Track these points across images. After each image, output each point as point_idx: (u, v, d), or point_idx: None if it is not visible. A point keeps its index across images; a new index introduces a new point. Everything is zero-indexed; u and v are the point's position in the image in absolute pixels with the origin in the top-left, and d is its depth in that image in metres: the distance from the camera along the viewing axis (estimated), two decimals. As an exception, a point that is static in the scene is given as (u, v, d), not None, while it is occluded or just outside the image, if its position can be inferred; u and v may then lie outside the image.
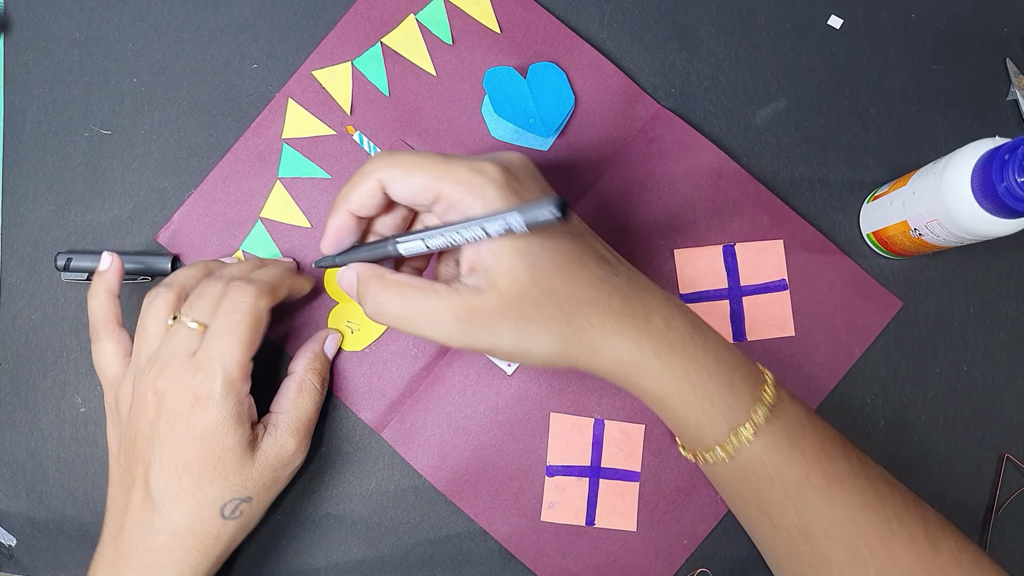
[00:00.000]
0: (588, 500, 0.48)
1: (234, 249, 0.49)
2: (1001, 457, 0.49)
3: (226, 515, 0.42)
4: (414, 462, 0.48)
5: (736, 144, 0.51)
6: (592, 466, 0.49)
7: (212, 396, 0.40)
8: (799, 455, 0.38)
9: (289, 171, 0.50)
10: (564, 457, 0.48)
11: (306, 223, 0.50)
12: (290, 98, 0.50)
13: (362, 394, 0.49)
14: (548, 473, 0.48)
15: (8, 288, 0.50)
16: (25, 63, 0.51)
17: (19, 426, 0.49)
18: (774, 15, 0.52)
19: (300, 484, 0.49)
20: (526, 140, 0.50)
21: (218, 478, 0.41)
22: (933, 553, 0.38)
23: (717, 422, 0.37)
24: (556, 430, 0.49)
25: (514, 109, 0.49)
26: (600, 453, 0.49)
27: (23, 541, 0.49)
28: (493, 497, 0.48)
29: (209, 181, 0.50)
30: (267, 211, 0.50)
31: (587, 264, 0.37)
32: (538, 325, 0.36)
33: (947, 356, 0.50)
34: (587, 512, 0.48)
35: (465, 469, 0.48)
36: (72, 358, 0.50)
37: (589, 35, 0.51)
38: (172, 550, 0.41)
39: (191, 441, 0.40)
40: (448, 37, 0.50)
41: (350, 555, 0.49)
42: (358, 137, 0.50)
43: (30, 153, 0.51)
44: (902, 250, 0.47)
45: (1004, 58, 0.51)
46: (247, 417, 0.42)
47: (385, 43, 0.50)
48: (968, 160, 0.40)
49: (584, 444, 0.49)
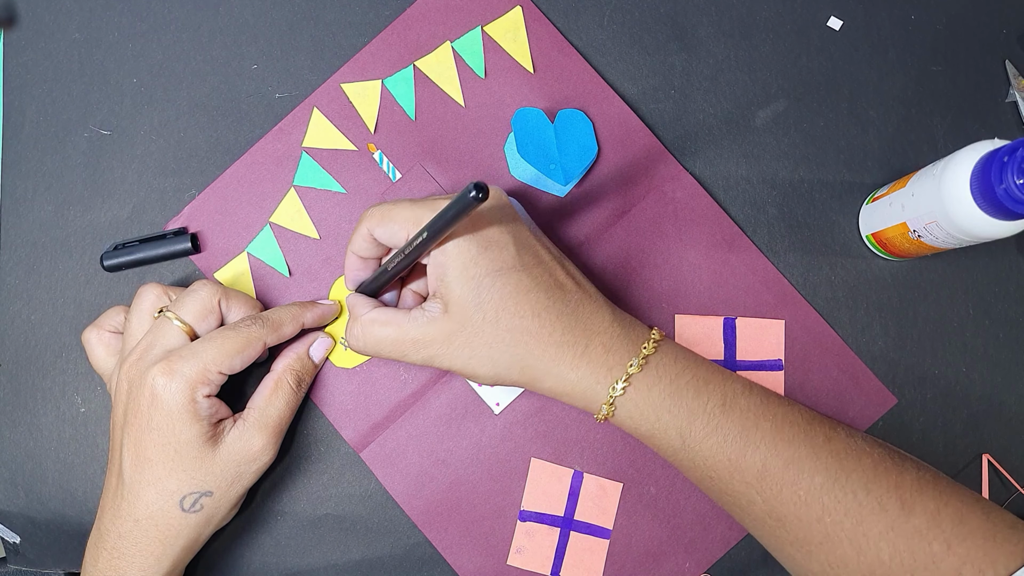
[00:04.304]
0: (556, 550, 0.48)
1: (240, 250, 0.49)
2: (979, 457, 0.49)
3: (185, 508, 0.42)
4: (389, 487, 0.48)
5: (736, 146, 0.51)
6: (565, 517, 0.48)
7: (168, 391, 0.41)
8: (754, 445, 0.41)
9: (305, 180, 0.50)
10: (539, 504, 0.48)
11: (315, 234, 0.50)
12: (316, 107, 0.50)
13: (347, 412, 0.49)
14: (521, 518, 0.48)
15: (7, 288, 0.50)
16: (25, 63, 0.51)
17: (18, 426, 0.49)
18: (774, 16, 0.52)
19: (299, 485, 0.49)
20: (544, 184, 0.49)
21: (176, 470, 0.41)
22: (906, 517, 0.39)
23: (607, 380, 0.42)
24: (535, 476, 0.48)
25: (537, 152, 0.48)
26: (575, 505, 0.48)
27: (23, 541, 0.49)
28: (463, 533, 0.48)
29: (224, 179, 0.50)
30: (277, 216, 0.50)
31: (534, 294, 0.41)
32: (481, 352, 0.41)
33: (946, 357, 0.50)
34: (554, 562, 0.48)
35: (440, 501, 0.48)
36: (71, 358, 0.50)
37: (589, 37, 0.51)
38: (136, 538, 0.42)
39: (150, 431, 0.41)
40: (481, 70, 0.50)
41: (349, 556, 0.49)
42: (378, 156, 0.50)
43: (29, 153, 0.51)
44: (901, 252, 0.47)
45: (1003, 60, 0.52)
46: (204, 415, 0.42)
47: (418, 66, 0.50)
48: (967, 162, 0.40)
49: (560, 493, 0.48)
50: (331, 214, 0.50)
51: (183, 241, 0.48)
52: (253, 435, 0.43)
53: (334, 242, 0.49)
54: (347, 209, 0.50)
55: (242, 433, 0.43)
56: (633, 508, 0.48)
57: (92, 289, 0.50)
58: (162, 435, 0.41)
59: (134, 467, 0.41)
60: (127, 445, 0.42)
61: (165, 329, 0.42)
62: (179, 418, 0.41)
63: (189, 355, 0.41)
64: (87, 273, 0.50)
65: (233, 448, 0.43)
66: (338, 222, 0.49)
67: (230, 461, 0.43)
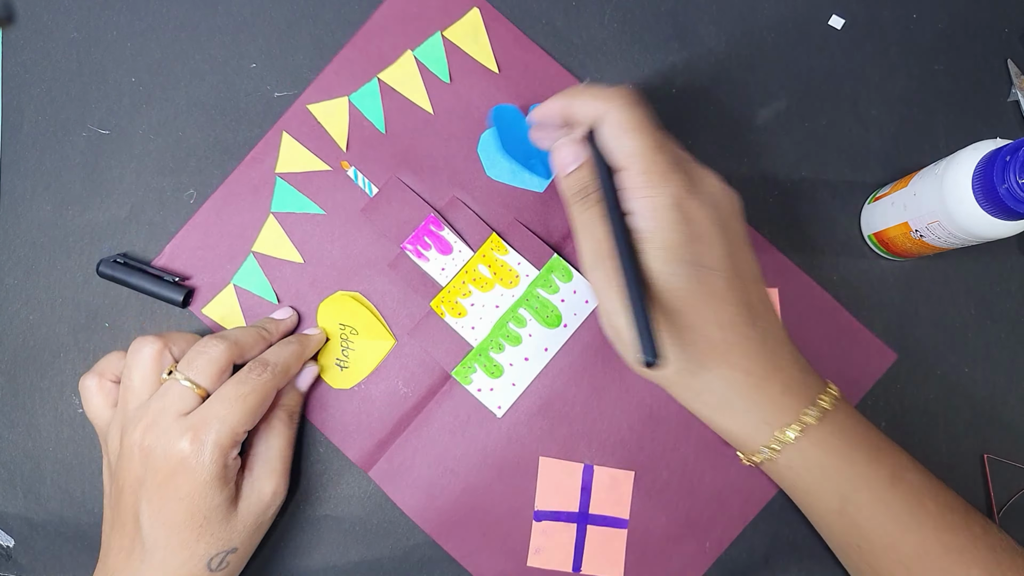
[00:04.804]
0: (575, 546, 0.48)
1: (226, 282, 0.49)
2: (981, 458, 0.49)
3: (213, 567, 0.42)
4: (400, 502, 0.48)
5: (736, 145, 0.51)
6: (580, 512, 0.48)
7: (200, 461, 0.40)
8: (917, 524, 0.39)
9: (282, 206, 0.49)
10: (552, 502, 0.48)
11: (299, 258, 0.49)
12: (285, 132, 0.50)
13: (349, 432, 0.48)
14: (536, 518, 0.48)
15: (5, 288, 0.50)
16: (23, 62, 0.51)
17: (17, 427, 0.49)
18: (775, 15, 0.52)
19: (298, 486, 0.49)
20: (522, 181, 0.49)
21: (204, 535, 0.41)
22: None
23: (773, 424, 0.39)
24: (545, 474, 0.48)
25: (517, 148, 0.48)
26: (588, 499, 0.48)
27: (21, 542, 0.49)
28: (480, 540, 0.48)
29: (202, 213, 0.49)
30: (259, 245, 0.49)
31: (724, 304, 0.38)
32: None
33: (948, 357, 0.50)
34: (574, 558, 0.48)
35: (452, 511, 0.48)
36: (70, 359, 0.49)
37: (590, 35, 0.51)
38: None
39: (177, 500, 0.40)
40: (446, 75, 0.50)
41: (348, 557, 0.49)
42: (353, 173, 0.50)
43: (28, 153, 0.50)
44: (903, 251, 0.47)
45: (1005, 59, 0.51)
46: (232, 476, 0.42)
47: (382, 79, 0.50)
48: (969, 162, 0.40)
49: (572, 489, 0.48)
50: (312, 236, 0.49)
51: (177, 292, 0.48)
52: (264, 483, 0.43)
53: (318, 264, 0.49)
54: (327, 230, 0.49)
55: (253, 484, 0.43)
56: (647, 495, 0.48)
57: (90, 289, 0.50)
58: (191, 503, 0.40)
59: (159, 532, 0.40)
60: (147, 511, 0.41)
61: (178, 393, 0.41)
62: (210, 485, 0.40)
63: (215, 421, 0.40)
64: (85, 273, 0.50)
65: (250, 502, 0.43)
66: (320, 243, 0.49)
67: (250, 515, 0.43)
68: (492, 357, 0.48)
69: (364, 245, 0.49)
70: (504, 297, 0.48)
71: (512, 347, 0.48)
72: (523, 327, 0.48)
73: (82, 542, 0.49)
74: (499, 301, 0.48)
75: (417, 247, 0.48)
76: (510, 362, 0.48)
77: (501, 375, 0.48)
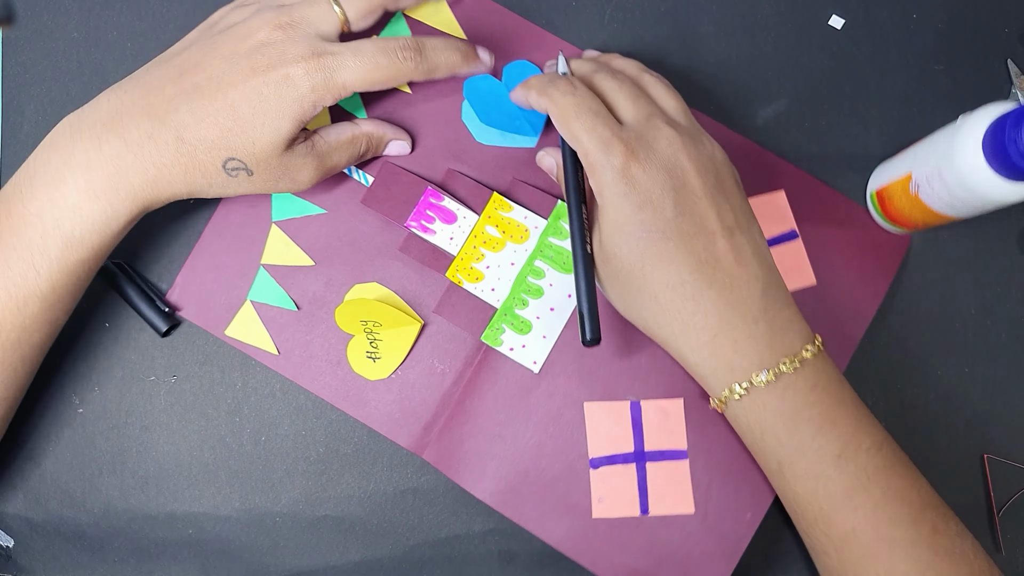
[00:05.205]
0: (639, 488, 0.46)
1: (242, 300, 0.49)
2: (981, 458, 0.49)
3: (227, 168, 0.41)
4: (458, 479, 0.47)
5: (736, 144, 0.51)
6: (636, 451, 0.46)
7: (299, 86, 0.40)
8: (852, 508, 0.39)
9: (282, 213, 0.49)
10: (605, 447, 0.47)
11: (309, 261, 0.49)
12: None
13: (396, 421, 0.48)
14: (592, 466, 0.47)
15: (5, 288, 0.50)
16: (23, 62, 0.51)
17: (17, 427, 0.49)
18: (775, 15, 0.52)
19: (298, 486, 0.49)
20: (512, 141, 0.49)
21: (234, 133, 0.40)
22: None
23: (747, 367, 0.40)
24: (592, 420, 0.47)
25: (500, 115, 0.48)
26: (642, 436, 0.47)
27: (20, 542, 0.49)
28: (540, 501, 0.47)
29: (205, 237, 0.49)
30: (267, 257, 0.49)
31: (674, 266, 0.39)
32: (615, 290, 0.41)
33: (948, 357, 0.50)
34: (640, 501, 0.46)
35: (507, 477, 0.47)
36: (69, 358, 0.49)
37: (590, 35, 0.51)
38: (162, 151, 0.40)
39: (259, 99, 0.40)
40: None
41: (348, 557, 0.48)
42: None
43: (27, 153, 0.50)
44: (899, 214, 0.46)
45: (1005, 59, 0.51)
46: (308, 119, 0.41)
47: None
48: (986, 118, 0.39)
49: (624, 429, 0.47)
50: (318, 237, 0.49)
51: (163, 322, 0.48)
52: (310, 165, 0.43)
53: (330, 263, 0.49)
54: (332, 228, 0.49)
55: (305, 156, 0.43)
56: (702, 420, 0.47)
57: (89, 289, 0.50)
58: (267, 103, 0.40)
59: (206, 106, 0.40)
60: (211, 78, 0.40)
61: (324, 9, 0.41)
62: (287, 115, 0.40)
63: (339, 66, 0.40)
64: (85, 273, 0.50)
65: (292, 162, 0.42)
66: (328, 242, 0.49)
67: (282, 167, 0.42)
68: (518, 314, 0.47)
69: (371, 235, 0.49)
70: (518, 253, 0.48)
71: (535, 300, 0.48)
72: (542, 279, 0.48)
73: (82, 542, 0.49)
74: (513, 258, 0.48)
75: (421, 222, 0.48)
76: (536, 315, 0.48)
77: (530, 330, 0.47)
